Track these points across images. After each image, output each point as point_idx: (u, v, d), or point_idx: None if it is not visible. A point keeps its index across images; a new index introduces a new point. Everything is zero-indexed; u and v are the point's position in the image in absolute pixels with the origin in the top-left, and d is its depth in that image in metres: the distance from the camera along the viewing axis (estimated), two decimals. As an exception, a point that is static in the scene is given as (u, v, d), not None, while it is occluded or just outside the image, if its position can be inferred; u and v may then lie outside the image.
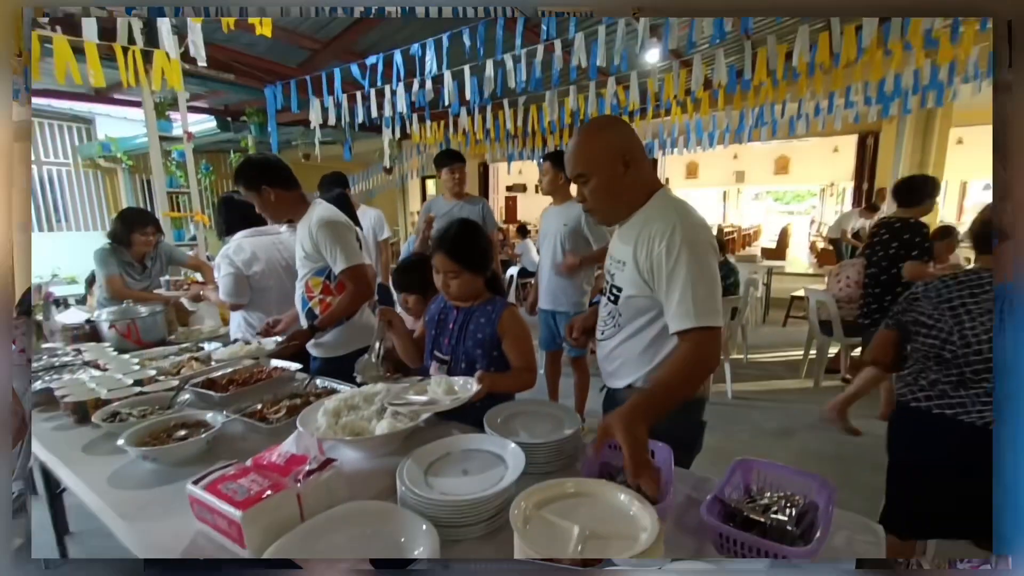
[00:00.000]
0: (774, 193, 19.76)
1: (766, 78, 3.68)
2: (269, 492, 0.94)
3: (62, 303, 3.16)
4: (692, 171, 15.95)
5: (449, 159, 3.34)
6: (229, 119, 6.47)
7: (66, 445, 1.43)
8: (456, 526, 0.95)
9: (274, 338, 2.01)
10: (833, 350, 4.25)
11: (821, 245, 10.39)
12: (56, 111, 7.53)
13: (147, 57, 2.60)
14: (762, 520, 0.94)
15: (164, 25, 2.34)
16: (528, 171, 13.13)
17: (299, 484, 0.99)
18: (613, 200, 1.28)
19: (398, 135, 5.07)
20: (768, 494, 1.02)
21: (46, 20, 2.00)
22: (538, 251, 3.49)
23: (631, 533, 0.83)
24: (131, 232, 2.82)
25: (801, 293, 5.53)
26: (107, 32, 2.31)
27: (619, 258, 1.31)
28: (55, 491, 2.06)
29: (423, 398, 1.35)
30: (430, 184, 11.28)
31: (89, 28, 2.13)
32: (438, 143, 5.87)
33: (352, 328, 2.12)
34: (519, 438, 1.18)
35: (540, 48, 3.12)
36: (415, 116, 4.69)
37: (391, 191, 9.77)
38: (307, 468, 1.03)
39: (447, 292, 1.59)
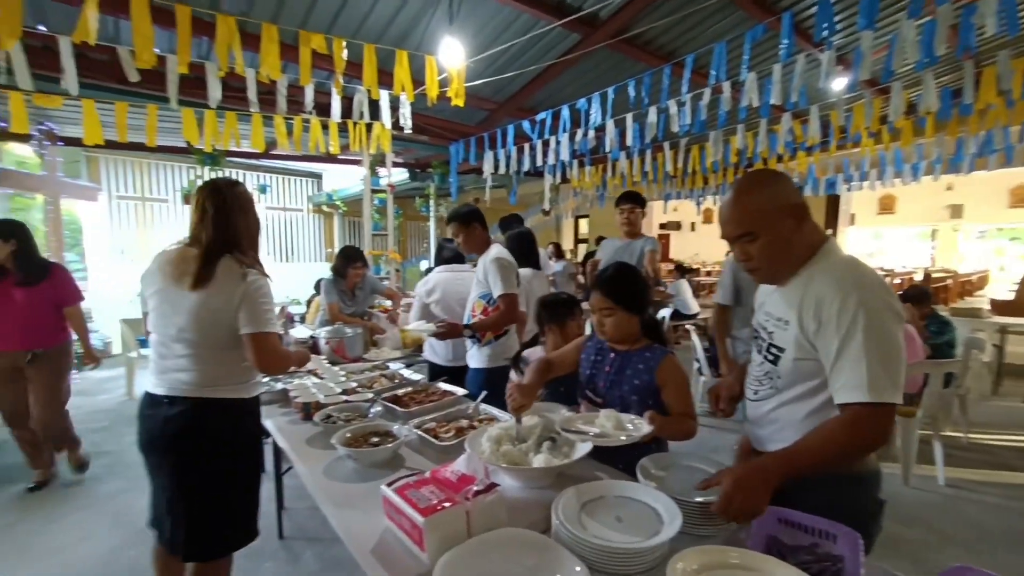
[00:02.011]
0: (1008, 231, 15.59)
1: (996, 99, 3.05)
2: (447, 504, 1.08)
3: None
4: (887, 206, 13.56)
5: (624, 199, 3.47)
6: (418, 170, 7.62)
7: (295, 437, 1.80)
8: (608, 572, 0.97)
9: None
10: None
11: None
12: (296, 170, 9.70)
13: (367, 127, 3.28)
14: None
15: (384, 102, 2.98)
16: (683, 209, 12.62)
17: (468, 502, 1.11)
18: (783, 258, 1.20)
19: (558, 180, 5.40)
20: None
21: (312, 108, 2.74)
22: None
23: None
24: (347, 266, 3.50)
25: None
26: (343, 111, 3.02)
27: (780, 316, 1.21)
28: (280, 472, 2.58)
29: (593, 429, 1.40)
30: (583, 223, 11.58)
31: (335, 110, 2.81)
32: (595, 186, 6.06)
33: (500, 347, 2.58)
34: (676, 494, 1.16)
35: (707, 91, 3.08)
36: (575, 162, 4.94)
37: (547, 230, 10.29)
38: (475, 488, 1.15)
39: (602, 331, 1.64)
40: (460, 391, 2.17)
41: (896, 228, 13.67)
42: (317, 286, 5.68)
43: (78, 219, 7.12)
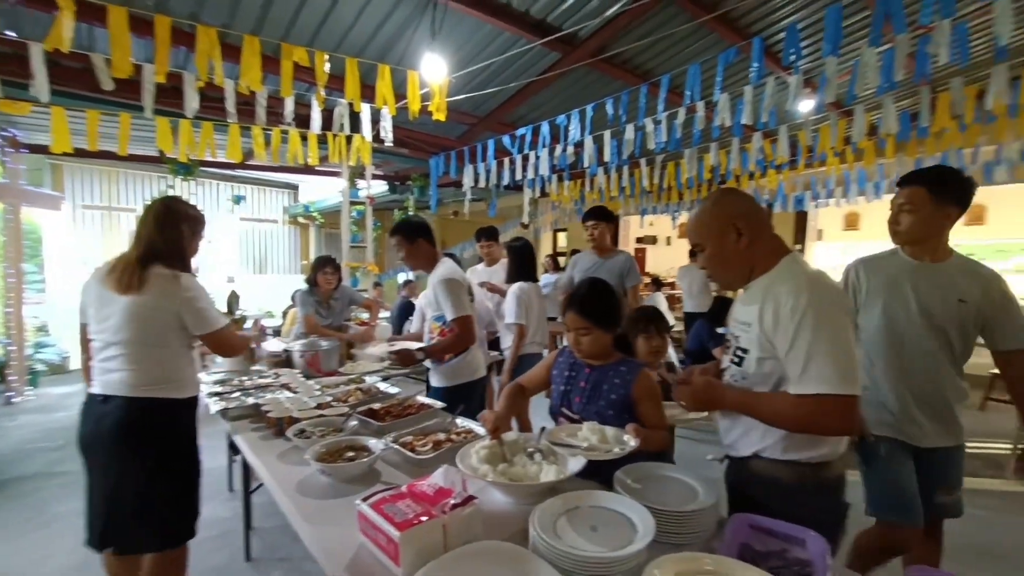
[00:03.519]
0: (966, 247, 16.24)
1: (950, 123, 3.23)
2: (424, 518, 1.07)
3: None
4: (852, 222, 14.03)
5: (590, 215, 3.31)
6: (397, 183, 7.60)
7: (267, 452, 1.76)
8: (584, 583, 0.97)
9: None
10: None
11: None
12: (272, 180, 9.58)
13: (347, 139, 3.27)
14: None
15: (366, 115, 2.99)
16: (659, 224, 12.84)
17: (445, 515, 1.10)
18: (726, 268, 1.35)
19: (537, 193, 5.46)
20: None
21: (292, 117, 2.73)
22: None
23: (777, 627, 0.77)
24: (317, 272, 3.46)
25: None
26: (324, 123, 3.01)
27: (743, 320, 1.30)
28: (248, 491, 2.50)
29: (581, 443, 1.41)
30: (561, 236, 11.69)
31: (315, 122, 2.80)
32: (573, 200, 6.15)
33: (461, 365, 2.54)
34: (650, 503, 1.17)
35: (682, 110, 3.17)
36: (555, 176, 5.01)
37: (526, 244, 10.35)
38: (452, 501, 1.14)
39: (579, 349, 1.65)
40: (438, 404, 2.16)
41: (861, 243, 14.15)
42: (294, 298, 5.60)
43: (39, 228, 6.85)
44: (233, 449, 2.49)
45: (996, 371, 4.70)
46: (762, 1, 3.56)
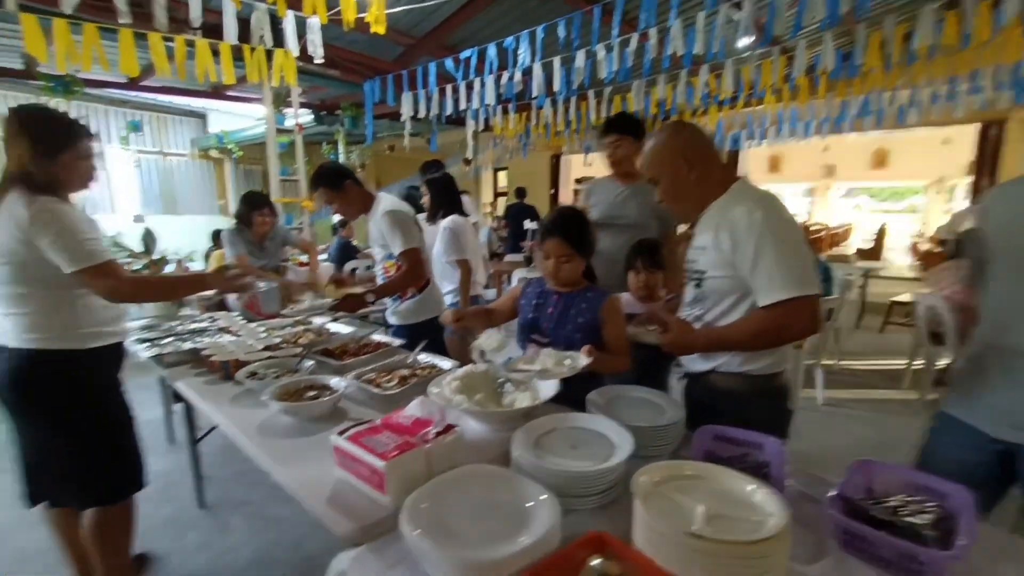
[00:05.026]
0: (869, 190, 18.06)
1: (878, 63, 3.38)
2: (407, 447, 1.04)
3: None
4: (775, 165, 14.94)
5: (611, 128, 2.36)
6: (324, 112, 6.90)
7: (217, 397, 1.64)
8: (570, 495, 1.00)
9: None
10: (942, 362, 3.89)
11: (925, 247, 9.38)
12: (176, 107, 8.42)
13: (267, 56, 2.86)
14: (891, 521, 0.91)
15: (289, 25, 2.59)
16: (599, 164, 12.91)
17: (428, 443, 1.08)
18: (682, 199, 1.40)
19: (480, 127, 5.20)
20: (896, 497, 0.99)
21: (199, 25, 2.28)
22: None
23: (757, 518, 0.84)
24: (252, 213, 3.13)
25: (904, 298, 5.10)
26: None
27: (700, 244, 1.38)
28: (195, 440, 2.35)
29: (536, 367, 1.43)
30: (501, 176, 11.46)
31: (229, 29, 2.39)
32: (518, 135, 5.94)
33: (423, 301, 2.45)
34: (624, 421, 1.20)
35: (634, 37, 3.07)
36: (499, 108, 4.78)
37: (467, 182, 9.99)
38: (434, 430, 1.13)
39: (557, 277, 1.66)
40: (396, 341, 2.10)
41: (782, 184, 15.19)
42: (215, 238, 5.10)
43: None
44: (175, 397, 2.30)
45: (895, 299, 5.35)
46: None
